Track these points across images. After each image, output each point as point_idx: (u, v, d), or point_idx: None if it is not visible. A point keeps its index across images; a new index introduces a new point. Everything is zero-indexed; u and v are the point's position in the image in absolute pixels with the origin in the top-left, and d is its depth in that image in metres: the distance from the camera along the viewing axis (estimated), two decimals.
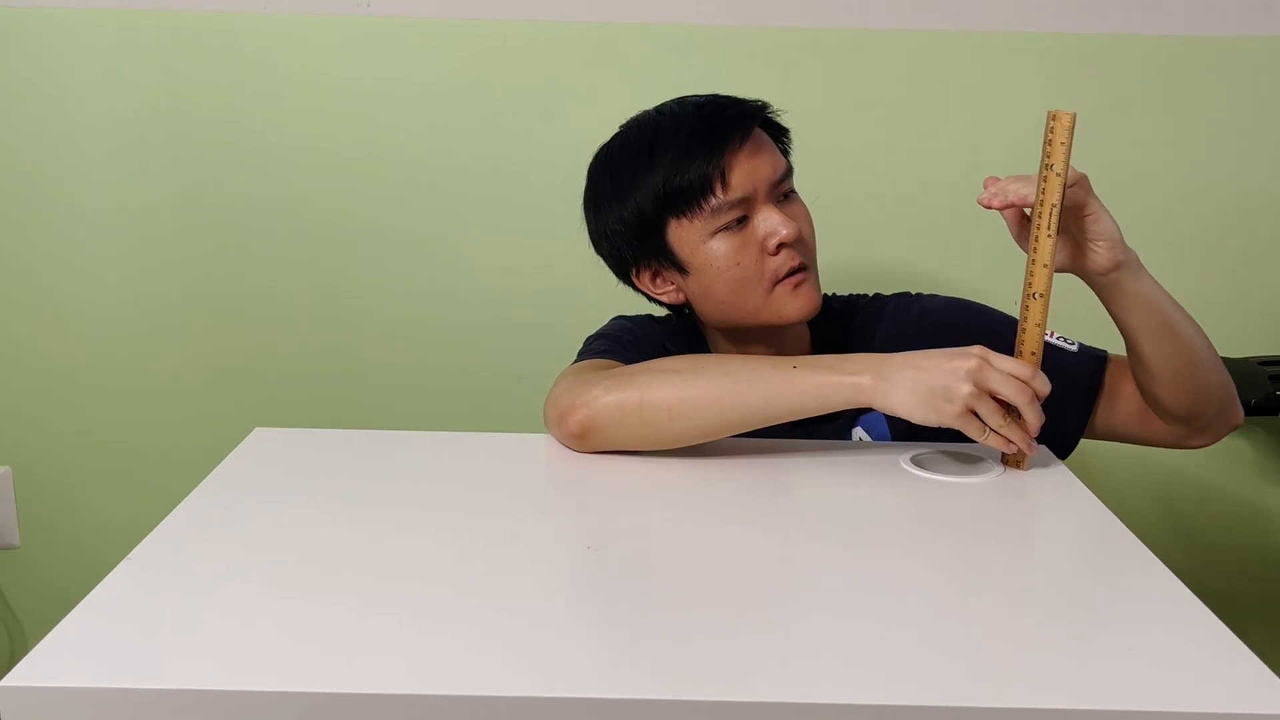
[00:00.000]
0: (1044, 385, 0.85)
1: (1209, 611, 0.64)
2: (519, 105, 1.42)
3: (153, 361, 1.49)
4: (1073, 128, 0.83)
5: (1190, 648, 0.60)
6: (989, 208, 0.89)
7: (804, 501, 0.85)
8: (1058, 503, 0.85)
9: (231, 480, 0.83)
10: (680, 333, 1.12)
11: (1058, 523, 0.83)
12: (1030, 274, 0.88)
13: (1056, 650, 0.60)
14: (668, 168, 0.99)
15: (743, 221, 1.00)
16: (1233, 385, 1.01)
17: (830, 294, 1.19)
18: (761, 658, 0.58)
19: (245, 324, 1.49)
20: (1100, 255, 0.90)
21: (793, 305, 1.01)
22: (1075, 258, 0.91)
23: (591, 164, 1.08)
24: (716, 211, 0.99)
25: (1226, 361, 1.44)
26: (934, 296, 1.14)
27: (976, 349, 0.84)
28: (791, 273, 1.00)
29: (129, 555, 0.69)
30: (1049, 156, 0.84)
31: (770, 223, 0.99)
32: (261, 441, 0.92)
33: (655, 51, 1.39)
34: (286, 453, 0.90)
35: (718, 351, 1.10)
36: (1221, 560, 1.57)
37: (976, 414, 0.84)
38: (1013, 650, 0.60)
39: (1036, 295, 0.87)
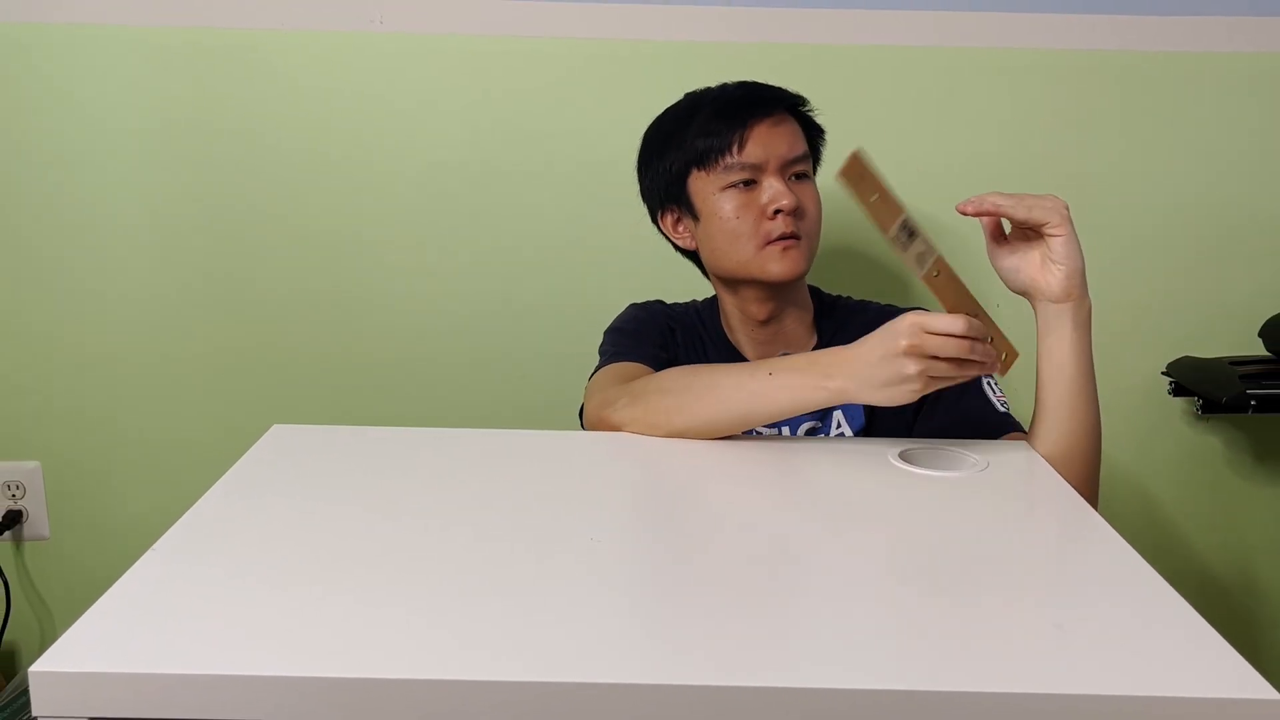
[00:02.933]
0: (980, 329, 0.84)
1: (1181, 599, 0.63)
2: (526, 116, 1.42)
3: (176, 360, 1.50)
4: (860, 164, 0.88)
5: (1164, 635, 0.60)
6: (964, 214, 0.90)
7: (798, 495, 0.85)
8: (1037, 497, 0.85)
9: (251, 475, 0.83)
10: (681, 313, 1.21)
11: (1037, 516, 0.83)
12: (925, 267, 0.89)
13: (1037, 636, 0.60)
14: (699, 126, 1.10)
15: (750, 184, 1.08)
16: (1095, 501, 0.97)
17: (845, 296, 1.21)
18: (754, 644, 0.58)
19: (264, 325, 1.49)
20: (1055, 279, 0.91)
21: (776, 266, 1.08)
22: (1035, 276, 0.92)
23: (651, 123, 1.17)
24: (729, 169, 1.08)
25: (1202, 362, 1.45)
26: None
27: (904, 328, 0.84)
28: (783, 237, 1.07)
29: (153, 546, 0.69)
30: (861, 194, 0.88)
31: (773, 190, 1.07)
32: (279, 438, 0.92)
33: (659, 66, 1.39)
34: (303, 448, 0.90)
35: (724, 307, 1.18)
36: (1193, 550, 1.57)
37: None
38: (995, 636, 0.60)
39: (934, 274, 0.88)
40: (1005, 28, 1.39)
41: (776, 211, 1.07)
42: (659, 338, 1.17)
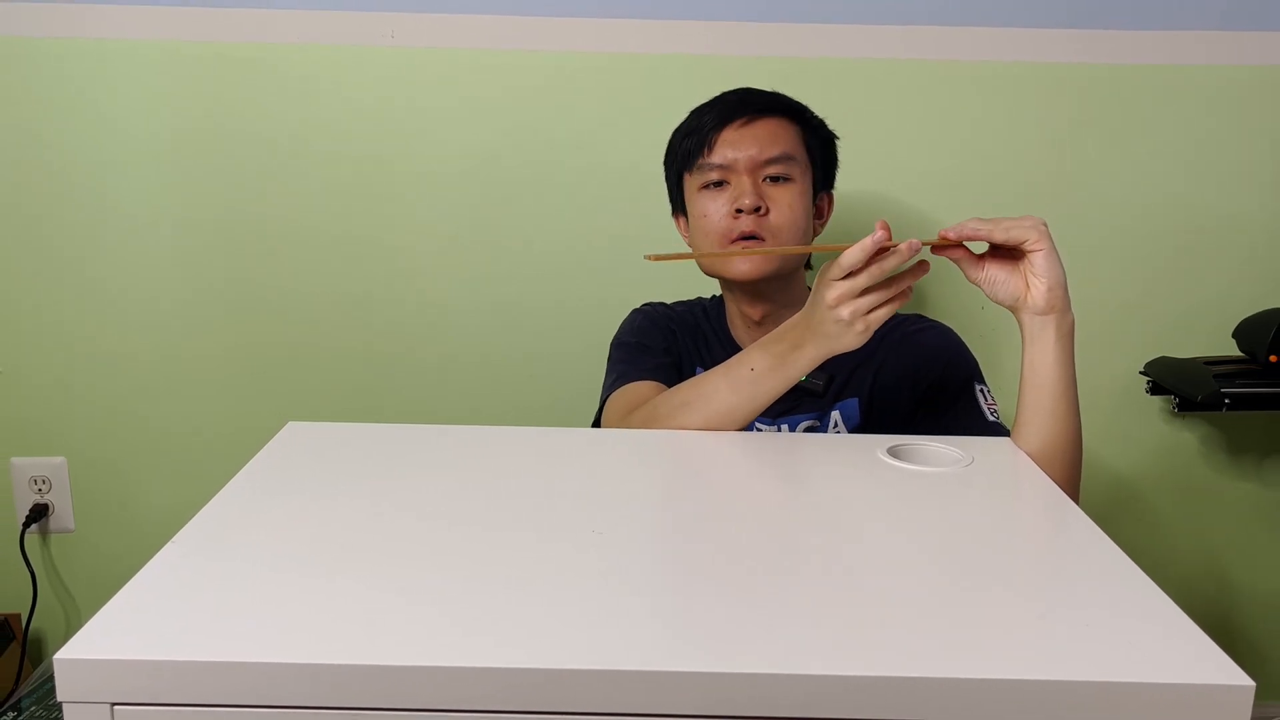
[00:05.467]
0: (868, 244, 0.83)
1: (1159, 589, 0.63)
2: (530, 126, 1.42)
3: (196, 360, 1.50)
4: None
5: (1142, 623, 0.60)
6: (945, 239, 0.90)
7: (789, 489, 0.85)
8: (1021, 491, 0.84)
9: (267, 470, 0.83)
10: (684, 312, 1.22)
11: (1021, 509, 0.83)
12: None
13: (1021, 626, 0.60)
14: (682, 131, 1.13)
15: (723, 185, 1.08)
16: (1077, 497, 0.96)
17: None
18: (747, 634, 0.58)
19: (280, 325, 1.49)
20: (1038, 293, 0.89)
21: (738, 265, 1.07)
22: (1019, 292, 0.91)
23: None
24: (703, 169, 1.09)
25: (1178, 362, 1.45)
26: (935, 325, 1.15)
27: (817, 288, 0.87)
28: (745, 237, 1.06)
29: (174, 538, 0.69)
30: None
31: (738, 190, 1.06)
32: (294, 434, 0.92)
33: (659, 77, 1.39)
34: (317, 445, 0.90)
35: (727, 305, 1.19)
36: (1169, 541, 1.57)
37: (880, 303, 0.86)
38: (979, 625, 0.60)
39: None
40: (984, 41, 1.40)
41: (739, 211, 1.06)
42: (663, 341, 1.16)
